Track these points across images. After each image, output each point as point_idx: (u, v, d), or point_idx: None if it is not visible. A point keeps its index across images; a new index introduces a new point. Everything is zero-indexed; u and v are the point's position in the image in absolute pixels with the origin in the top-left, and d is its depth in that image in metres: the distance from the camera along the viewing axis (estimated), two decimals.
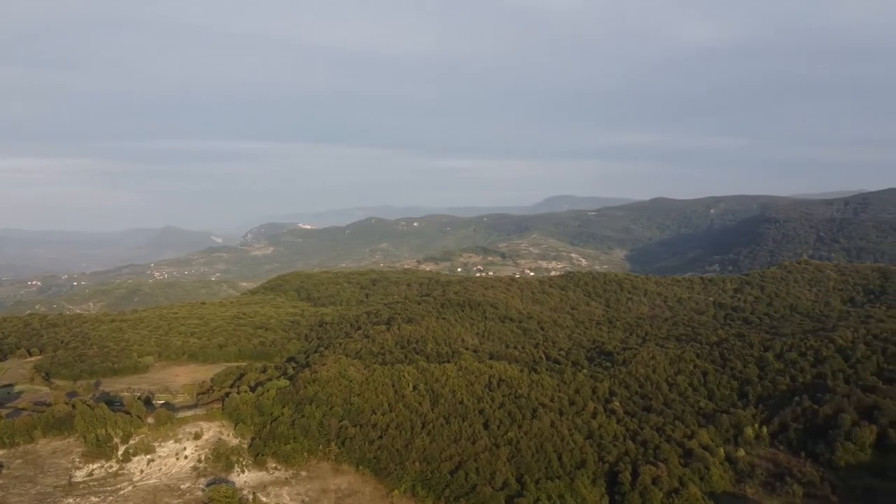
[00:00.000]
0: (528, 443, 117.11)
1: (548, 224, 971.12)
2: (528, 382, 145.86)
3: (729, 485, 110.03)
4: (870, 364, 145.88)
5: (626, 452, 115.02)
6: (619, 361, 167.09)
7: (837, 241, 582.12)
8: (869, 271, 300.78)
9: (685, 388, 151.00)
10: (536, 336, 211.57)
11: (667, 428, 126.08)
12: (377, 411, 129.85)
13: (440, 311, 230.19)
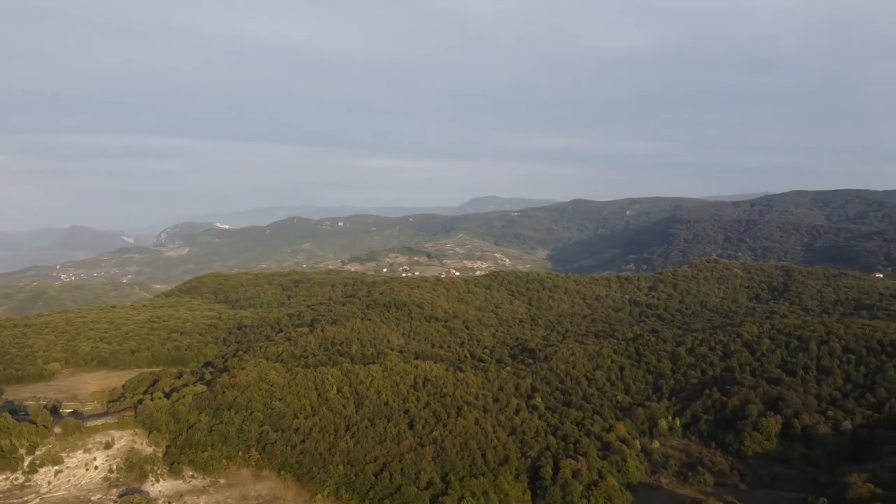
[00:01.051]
0: (453, 441, 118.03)
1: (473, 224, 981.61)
2: (454, 381, 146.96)
3: (645, 475, 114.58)
4: (774, 357, 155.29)
5: (547, 447, 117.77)
6: (541, 358, 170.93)
7: (744, 240, 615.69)
8: (773, 269, 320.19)
9: (603, 382, 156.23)
10: (462, 335, 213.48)
11: (586, 422, 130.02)
12: (300, 415, 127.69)
13: (365, 312, 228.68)
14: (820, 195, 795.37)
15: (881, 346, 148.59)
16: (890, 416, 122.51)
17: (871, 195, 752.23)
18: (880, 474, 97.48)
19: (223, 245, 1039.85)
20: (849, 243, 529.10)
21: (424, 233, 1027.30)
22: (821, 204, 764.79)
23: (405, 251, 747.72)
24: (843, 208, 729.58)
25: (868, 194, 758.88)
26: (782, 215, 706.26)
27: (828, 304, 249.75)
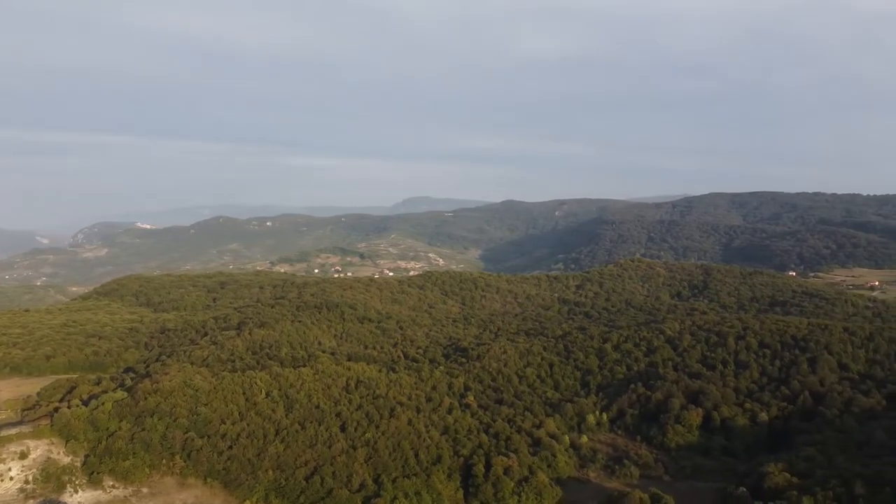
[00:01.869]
0: (386, 442, 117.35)
1: (406, 224, 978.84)
2: (387, 382, 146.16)
3: (573, 470, 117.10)
4: (695, 352, 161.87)
5: (479, 445, 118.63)
6: (474, 357, 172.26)
7: (666, 240, 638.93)
8: (693, 268, 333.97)
9: (534, 379, 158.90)
10: (395, 335, 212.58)
11: (517, 419, 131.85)
12: (227, 421, 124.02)
13: (296, 314, 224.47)
14: (737, 197, 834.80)
15: (794, 341, 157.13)
16: (803, 408, 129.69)
17: (785, 197, 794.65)
18: (795, 464, 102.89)
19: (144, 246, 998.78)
20: (764, 243, 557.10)
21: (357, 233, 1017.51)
22: (738, 205, 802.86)
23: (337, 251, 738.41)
24: (759, 209, 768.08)
25: (782, 196, 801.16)
26: (702, 216, 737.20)
27: (744, 301, 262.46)
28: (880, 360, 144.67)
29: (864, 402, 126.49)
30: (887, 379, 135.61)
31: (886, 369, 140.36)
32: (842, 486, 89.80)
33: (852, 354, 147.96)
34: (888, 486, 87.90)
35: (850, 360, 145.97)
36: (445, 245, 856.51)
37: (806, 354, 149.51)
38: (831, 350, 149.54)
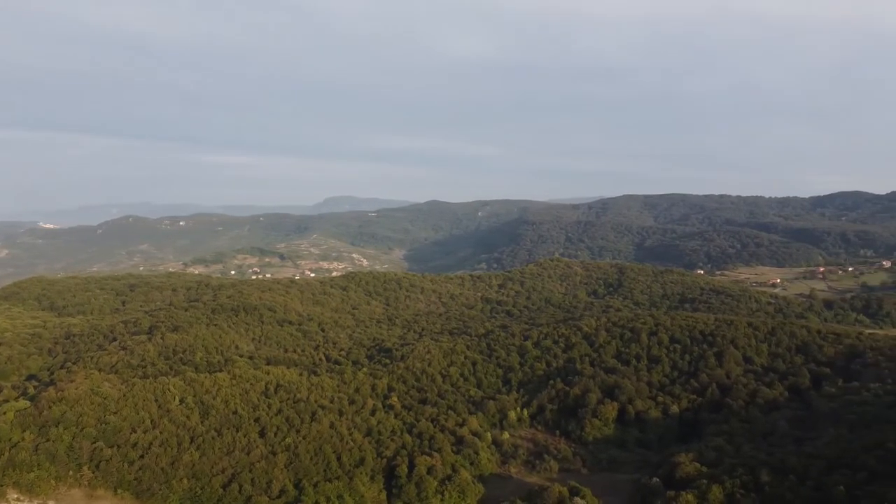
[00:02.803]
0: (307, 447, 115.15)
1: (329, 224, 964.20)
2: (308, 386, 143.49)
3: (496, 466, 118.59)
4: (610, 348, 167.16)
5: (403, 446, 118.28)
6: (398, 357, 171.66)
7: (583, 240, 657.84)
8: (608, 267, 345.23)
9: (457, 378, 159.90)
10: (317, 338, 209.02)
11: (441, 418, 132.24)
12: (138, 429, 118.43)
13: (211, 317, 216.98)
14: (649, 199, 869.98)
15: (702, 336, 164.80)
16: (711, 400, 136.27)
17: (693, 199, 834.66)
18: (705, 453, 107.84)
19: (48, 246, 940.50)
20: (674, 243, 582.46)
21: (276, 233, 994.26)
22: (650, 207, 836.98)
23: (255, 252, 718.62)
24: (669, 211, 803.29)
25: (691, 198, 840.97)
26: (616, 217, 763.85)
27: (656, 299, 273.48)
28: (782, 354, 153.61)
29: (768, 393, 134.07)
30: (788, 371, 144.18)
31: (787, 362, 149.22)
32: (748, 474, 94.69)
33: (756, 348, 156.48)
34: (791, 474, 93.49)
35: (754, 354, 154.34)
36: (369, 245, 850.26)
37: (713, 349, 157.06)
38: (737, 344, 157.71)
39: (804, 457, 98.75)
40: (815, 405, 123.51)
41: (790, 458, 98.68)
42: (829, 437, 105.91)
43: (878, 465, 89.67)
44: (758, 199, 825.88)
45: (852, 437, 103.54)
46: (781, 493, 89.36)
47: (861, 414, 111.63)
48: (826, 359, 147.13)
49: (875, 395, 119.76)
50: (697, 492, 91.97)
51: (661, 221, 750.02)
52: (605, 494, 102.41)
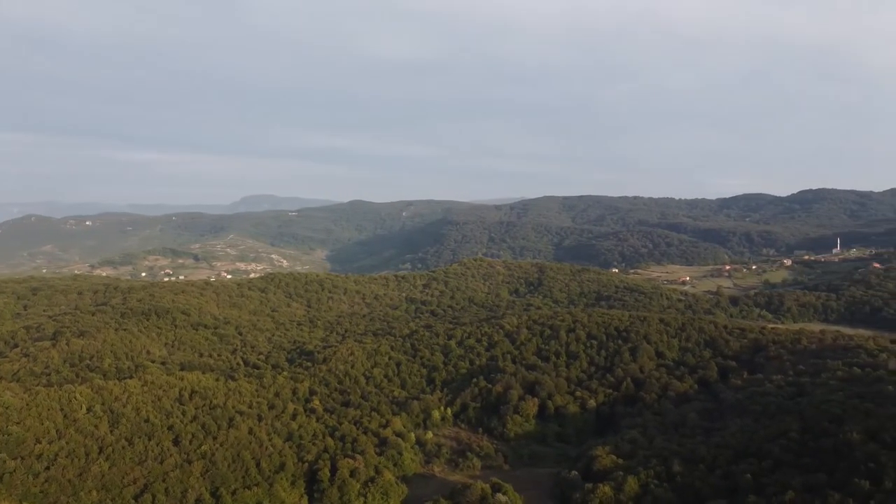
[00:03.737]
0: (225, 454, 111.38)
1: (247, 224, 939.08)
2: (225, 391, 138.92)
3: (419, 466, 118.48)
4: (531, 345, 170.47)
5: (325, 449, 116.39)
6: (320, 360, 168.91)
7: (505, 240, 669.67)
8: (529, 266, 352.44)
9: (381, 379, 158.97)
10: (234, 342, 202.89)
11: (364, 420, 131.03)
12: (42, 440, 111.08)
13: (120, 322, 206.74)
14: (567, 200, 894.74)
15: (617, 332, 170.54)
16: (626, 394, 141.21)
17: (609, 200, 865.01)
18: (621, 446, 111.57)
19: None
20: (590, 242, 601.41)
21: (191, 233, 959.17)
22: (568, 208, 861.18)
23: (168, 253, 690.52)
24: (586, 212, 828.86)
25: (606, 200, 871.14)
26: (537, 218, 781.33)
27: (574, 296, 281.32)
28: (691, 349, 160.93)
29: (679, 386, 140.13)
30: (698, 365, 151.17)
31: (696, 356, 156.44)
32: (661, 465, 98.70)
33: (668, 343, 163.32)
34: (701, 463, 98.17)
35: (665, 349, 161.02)
36: (290, 246, 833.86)
37: (628, 344, 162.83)
38: (650, 340, 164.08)
39: (713, 447, 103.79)
40: (723, 397, 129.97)
41: (700, 449, 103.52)
42: (736, 428, 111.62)
43: (782, 453, 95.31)
44: (669, 200, 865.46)
45: (757, 426, 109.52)
46: (692, 483, 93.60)
47: (765, 405, 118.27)
48: (732, 353, 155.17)
49: (777, 386, 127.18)
50: (614, 484, 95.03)
51: (579, 222, 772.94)
52: (526, 489, 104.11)
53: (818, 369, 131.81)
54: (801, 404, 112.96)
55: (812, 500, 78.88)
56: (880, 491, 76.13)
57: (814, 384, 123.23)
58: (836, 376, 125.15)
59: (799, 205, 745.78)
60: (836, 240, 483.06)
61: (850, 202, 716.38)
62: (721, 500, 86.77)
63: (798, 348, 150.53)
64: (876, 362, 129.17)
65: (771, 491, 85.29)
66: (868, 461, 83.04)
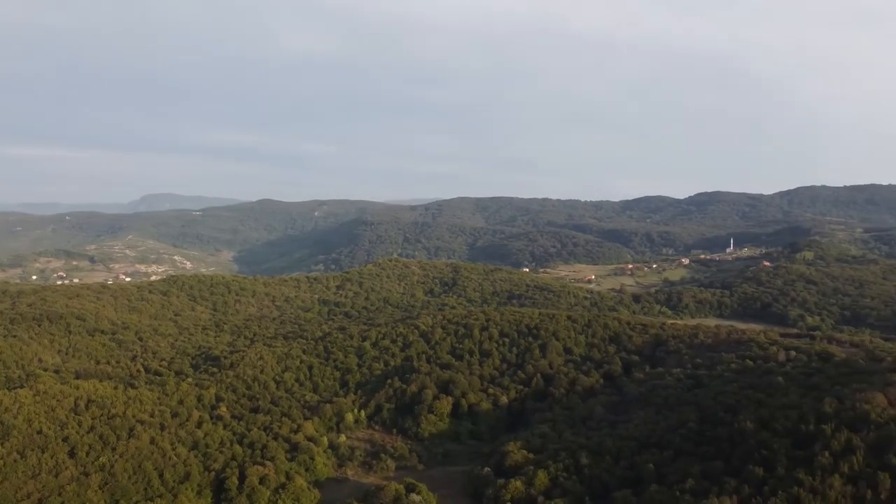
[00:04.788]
0: (125, 465, 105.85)
1: (147, 224, 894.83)
2: (125, 400, 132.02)
3: (332, 470, 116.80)
4: (445, 345, 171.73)
5: (233, 457, 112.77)
6: (227, 365, 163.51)
7: (420, 241, 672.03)
8: (444, 266, 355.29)
9: (292, 384, 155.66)
10: (134, 348, 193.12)
11: (274, 425, 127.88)
12: None
13: (9, 328, 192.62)
14: (480, 201, 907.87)
15: (528, 330, 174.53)
16: (536, 390, 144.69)
17: (520, 202, 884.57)
18: (531, 441, 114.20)
19: None
20: (503, 243, 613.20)
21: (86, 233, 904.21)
22: (481, 209, 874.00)
23: (61, 255, 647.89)
24: (499, 213, 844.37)
25: (517, 201, 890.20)
26: (451, 219, 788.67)
27: (487, 295, 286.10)
28: (597, 344, 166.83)
29: (586, 381, 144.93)
30: (603, 360, 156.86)
31: (602, 351, 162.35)
32: (570, 458, 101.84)
33: (575, 340, 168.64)
34: (607, 455, 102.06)
35: (573, 345, 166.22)
36: (194, 247, 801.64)
37: (538, 341, 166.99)
38: (558, 336, 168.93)
39: (618, 439, 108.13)
40: (627, 390, 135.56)
41: (606, 441, 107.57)
42: (639, 420, 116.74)
43: (682, 443, 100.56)
44: (575, 202, 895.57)
45: (659, 418, 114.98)
46: (599, 474, 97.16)
47: (666, 397, 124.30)
48: (635, 347, 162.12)
49: (677, 379, 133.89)
50: (525, 478, 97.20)
51: (492, 223, 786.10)
52: (440, 488, 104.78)
53: (714, 362, 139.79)
54: (699, 396, 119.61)
55: (710, 487, 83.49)
56: (773, 477, 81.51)
57: (710, 376, 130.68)
58: (731, 369, 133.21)
59: (695, 207, 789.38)
60: (729, 240, 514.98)
61: (742, 204, 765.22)
62: (626, 491, 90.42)
63: (695, 343, 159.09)
64: (767, 355, 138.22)
65: (672, 479, 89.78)
66: (761, 448, 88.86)
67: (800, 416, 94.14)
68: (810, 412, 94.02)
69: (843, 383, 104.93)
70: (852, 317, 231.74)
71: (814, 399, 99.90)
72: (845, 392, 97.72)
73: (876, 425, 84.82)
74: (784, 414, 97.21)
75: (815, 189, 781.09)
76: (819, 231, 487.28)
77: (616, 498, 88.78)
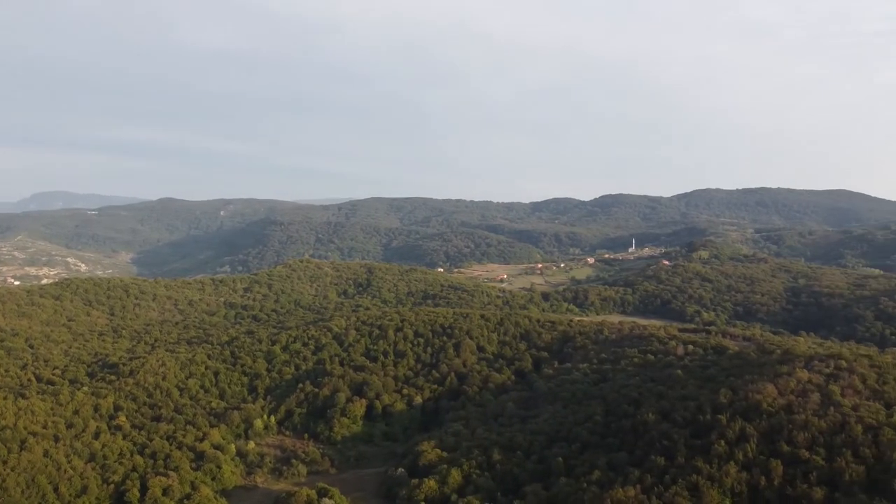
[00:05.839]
0: (17, 479, 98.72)
1: (38, 224, 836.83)
2: (15, 411, 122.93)
3: (240, 478, 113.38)
4: (359, 346, 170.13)
5: (134, 468, 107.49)
6: (126, 373, 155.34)
7: (333, 241, 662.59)
8: (358, 267, 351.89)
9: (197, 391, 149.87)
10: (24, 356, 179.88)
11: (178, 434, 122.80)
12: None
13: None
14: (395, 202, 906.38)
15: (443, 329, 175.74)
16: (451, 388, 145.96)
17: (434, 202, 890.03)
18: (445, 439, 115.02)
19: None
20: (417, 243, 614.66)
21: None
22: (395, 209, 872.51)
23: None
24: (413, 213, 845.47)
25: (432, 202, 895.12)
26: (365, 219, 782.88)
27: (402, 296, 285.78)
28: (509, 342, 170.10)
29: (498, 378, 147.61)
30: (514, 357, 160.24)
31: (514, 349, 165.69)
32: (483, 455, 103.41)
33: (488, 338, 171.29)
34: (518, 450, 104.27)
35: (486, 343, 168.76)
36: (89, 248, 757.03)
37: (452, 340, 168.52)
38: (472, 335, 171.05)
39: (529, 434, 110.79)
40: (537, 386, 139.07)
41: (517, 436, 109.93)
42: (549, 414, 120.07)
43: (589, 436, 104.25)
44: (488, 203, 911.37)
45: (567, 412, 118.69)
46: (510, 469, 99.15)
47: (573, 391, 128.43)
48: (544, 344, 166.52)
49: (584, 373, 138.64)
50: (439, 477, 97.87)
51: (406, 223, 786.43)
52: (353, 491, 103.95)
53: (618, 357, 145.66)
54: (604, 389, 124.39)
55: (615, 477, 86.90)
56: (673, 466, 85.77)
57: (614, 370, 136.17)
58: (633, 363, 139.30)
59: (600, 208, 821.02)
60: (631, 240, 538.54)
61: (644, 206, 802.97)
62: (536, 485, 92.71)
63: (601, 338, 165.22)
64: (667, 349, 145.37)
65: (580, 472, 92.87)
66: (662, 439, 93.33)
67: (697, 407, 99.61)
68: (707, 403, 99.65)
69: (737, 375, 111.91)
70: (744, 312, 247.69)
71: (710, 390, 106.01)
72: (739, 383, 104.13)
73: (767, 414, 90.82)
74: (683, 405, 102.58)
75: (709, 192, 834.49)
76: (714, 231, 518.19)
77: (527, 492, 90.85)
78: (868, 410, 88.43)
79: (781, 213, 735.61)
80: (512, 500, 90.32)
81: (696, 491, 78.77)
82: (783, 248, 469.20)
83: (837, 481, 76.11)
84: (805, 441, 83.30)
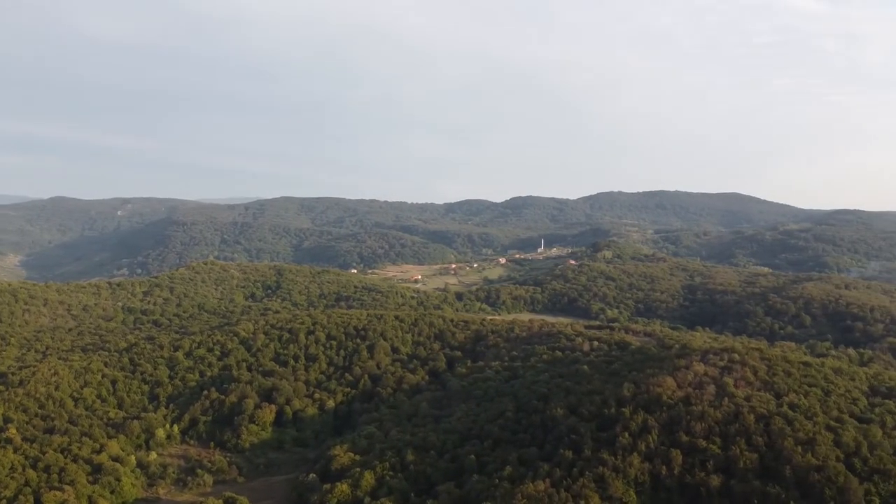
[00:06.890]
0: None
1: None
2: None
3: (141, 490, 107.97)
4: (269, 351, 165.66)
5: (26, 483, 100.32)
6: (15, 383, 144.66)
7: (240, 242, 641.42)
8: (267, 269, 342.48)
9: (93, 400, 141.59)
10: None
11: (73, 446, 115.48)
12: None
13: None
14: (306, 201, 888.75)
15: (356, 331, 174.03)
16: (364, 391, 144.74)
17: (347, 203, 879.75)
18: (358, 442, 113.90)
19: None
20: (330, 244, 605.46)
21: None
22: (307, 209, 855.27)
23: None
24: (326, 213, 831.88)
25: (345, 202, 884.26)
26: (274, 219, 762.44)
27: (314, 298, 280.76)
28: (423, 342, 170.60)
29: (412, 378, 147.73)
30: (429, 357, 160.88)
31: (428, 349, 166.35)
32: (396, 456, 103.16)
33: (402, 339, 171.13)
34: (432, 450, 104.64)
35: (400, 344, 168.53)
36: None
37: (366, 342, 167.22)
38: (386, 336, 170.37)
39: (442, 433, 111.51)
40: (450, 385, 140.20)
41: (430, 436, 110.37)
42: (462, 413, 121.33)
43: (501, 432, 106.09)
44: (402, 204, 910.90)
45: (479, 410, 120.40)
46: (424, 469, 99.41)
47: (485, 389, 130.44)
48: (458, 343, 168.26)
49: (496, 371, 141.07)
50: (351, 480, 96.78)
51: (318, 223, 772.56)
52: (263, 499, 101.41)
53: (528, 354, 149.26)
54: (515, 386, 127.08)
55: (526, 472, 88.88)
56: (581, 458, 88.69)
57: (525, 367, 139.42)
58: (543, 359, 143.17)
59: (511, 210, 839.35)
60: (540, 240, 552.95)
61: (552, 208, 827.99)
62: (449, 483, 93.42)
63: (512, 336, 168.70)
64: (573, 345, 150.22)
65: (492, 468, 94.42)
66: (570, 433, 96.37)
67: (603, 401, 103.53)
68: (612, 397, 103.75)
69: (639, 369, 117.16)
70: (645, 309, 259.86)
71: (614, 385, 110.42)
72: (641, 377, 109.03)
73: (667, 406, 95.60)
74: (589, 399, 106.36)
75: (613, 195, 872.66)
76: (617, 232, 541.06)
77: (440, 491, 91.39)
78: (759, 401, 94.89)
79: (679, 214, 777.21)
80: (425, 501, 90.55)
81: (602, 482, 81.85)
82: (681, 248, 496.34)
83: (733, 469, 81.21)
84: (702, 431, 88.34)
